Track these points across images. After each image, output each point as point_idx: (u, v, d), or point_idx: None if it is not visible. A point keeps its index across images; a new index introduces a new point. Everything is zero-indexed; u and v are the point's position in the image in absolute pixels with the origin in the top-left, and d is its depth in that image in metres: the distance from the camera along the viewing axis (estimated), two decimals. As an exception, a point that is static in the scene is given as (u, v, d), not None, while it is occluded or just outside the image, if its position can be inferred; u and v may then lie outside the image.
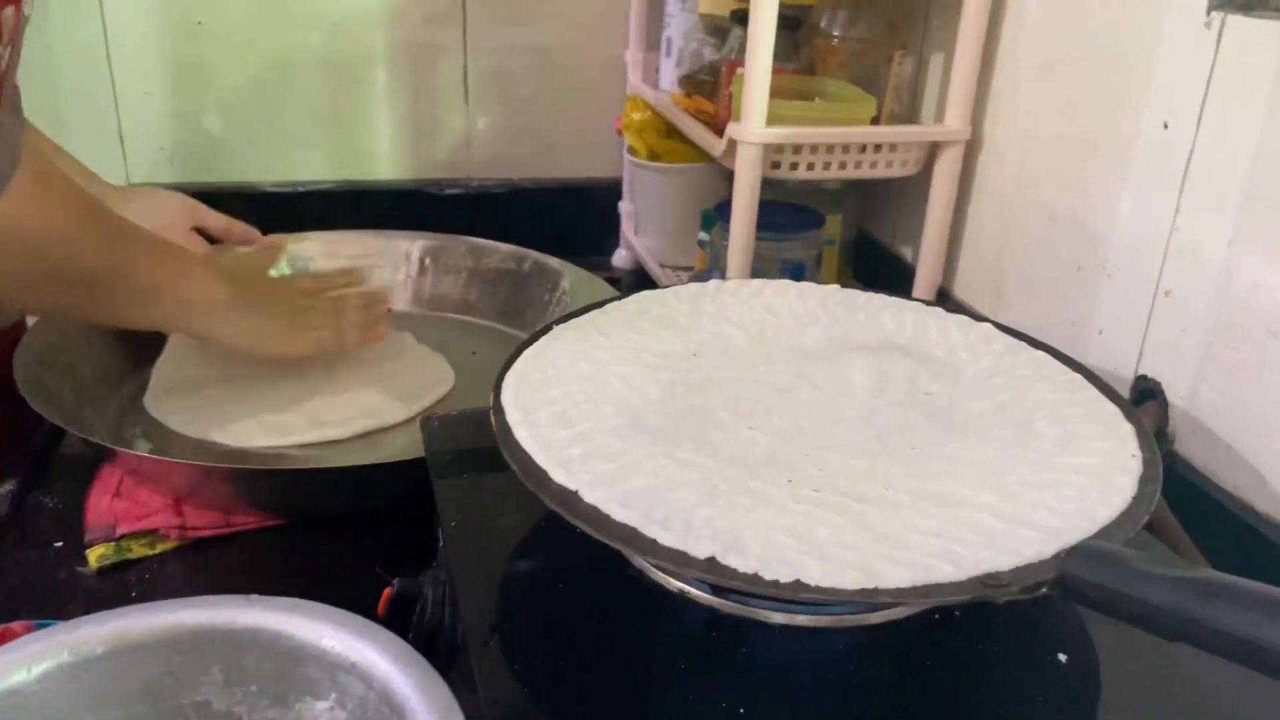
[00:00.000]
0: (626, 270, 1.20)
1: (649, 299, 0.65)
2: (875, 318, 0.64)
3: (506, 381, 0.54)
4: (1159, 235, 0.64)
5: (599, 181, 1.21)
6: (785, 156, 0.81)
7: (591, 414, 0.52)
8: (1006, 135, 0.80)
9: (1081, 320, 0.72)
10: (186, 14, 1.04)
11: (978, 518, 0.44)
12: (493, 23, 1.12)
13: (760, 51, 0.76)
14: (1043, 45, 0.75)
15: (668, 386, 0.55)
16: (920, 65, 0.92)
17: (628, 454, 0.48)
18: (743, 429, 0.51)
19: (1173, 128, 0.63)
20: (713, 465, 0.48)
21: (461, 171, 1.17)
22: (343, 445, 0.75)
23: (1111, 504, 0.45)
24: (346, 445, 0.76)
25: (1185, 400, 0.63)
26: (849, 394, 0.55)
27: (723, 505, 0.45)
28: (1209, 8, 0.59)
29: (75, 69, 1.02)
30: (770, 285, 0.67)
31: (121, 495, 0.69)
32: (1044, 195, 0.76)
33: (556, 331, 0.60)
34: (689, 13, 1.04)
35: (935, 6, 0.90)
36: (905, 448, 0.50)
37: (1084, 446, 0.50)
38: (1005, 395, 0.55)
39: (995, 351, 0.60)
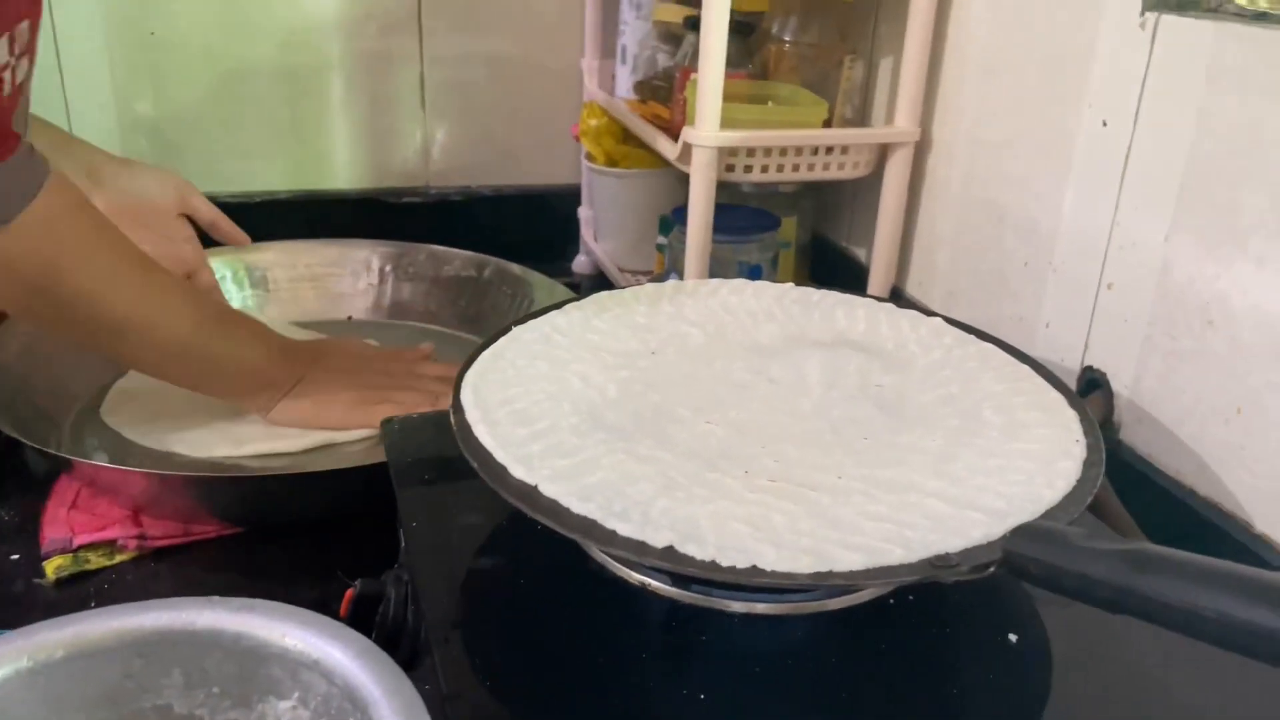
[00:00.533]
0: (587, 275, 1.21)
1: (607, 299, 0.66)
2: (829, 315, 0.65)
3: (466, 381, 0.55)
4: (1101, 230, 0.66)
5: (557, 188, 1.22)
6: (739, 159, 0.82)
7: (551, 412, 0.52)
8: (954, 136, 0.82)
9: (1030, 314, 0.74)
10: (139, 25, 1.04)
11: (927, 502, 0.45)
12: (449, 32, 1.12)
13: (712, 57, 0.77)
14: (987, 48, 0.77)
15: (626, 384, 0.56)
16: (870, 69, 0.94)
17: (586, 450, 0.49)
18: (700, 423, 0.52)
19: (1111, 126, 0.65)
20: (671, 459, 0.49)
21: (420, 180, 1.18)
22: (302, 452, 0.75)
23: (1056, 487, 0.47)
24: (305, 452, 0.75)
25: (1129, 389, 0.65)
26: (804, 388, 0.56)
27: (680, 496, 0.45)
28: (1143, 8, 0.62)
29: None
30: (727, 285, 0.68)
31: (79, 506, 0.69)
32: (992, 194, 0.78)
33: (515, 333, 0.61)
34: (643, 20, 1.05)
35: (883, 12, 0.92)
36: (858, 438, 0.51)
37: (1029, 433, 0.51)
38: (954, 386, 0.57)
39: (945, 345, 0.61)
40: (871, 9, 0.93)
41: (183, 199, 0.86)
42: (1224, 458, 0.58)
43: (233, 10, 1.06)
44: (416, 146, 1.16)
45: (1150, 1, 0.61)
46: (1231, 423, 0.58)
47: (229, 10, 1.05)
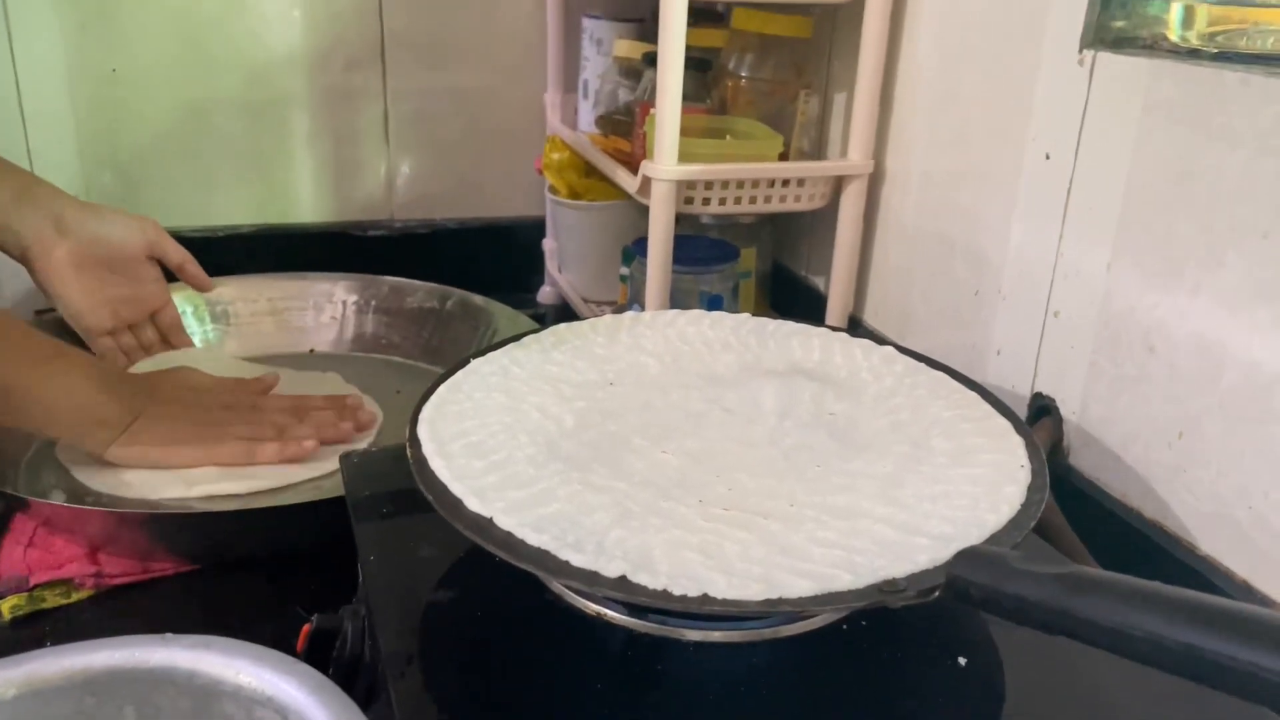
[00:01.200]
0: (551, 306, 1.22)
1: (565, 331, 0.67)
2: (784, 344, 0.66)
3: (423, 415, 0.55)
4: (1046, 260, 0.68)
5: (521, 220, 1.23)
6: (698, 192, 0.84)
7: (507, 444, 0.53)
8: (906, 169, 0.84)
9: (981, 342, 0.76)
10: (100, 62, 1.04)
11: (875, 529, 0.46)
12: (413, 67, 1.13)
13: (670, 92, 0.79)
14: (935, 83, 0.80)
15: (583, 414, 0.57)
16: (825, 104, 0.96)
17: (542, 481, 0.49)
18: (656, 453, 0.53)
19: (1054, 159, 0.67)
20: (626, 488, 0.49)
21: (384, 213, 1.18)
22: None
23: (1000, 512, 0.48)
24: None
25: (1077, 414, 0.67)
26: (759, 417, 0.57)
27: (634, 526, 0.46)
28: (1081, 45, 0.64)
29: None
30: (684, 315, 0.69)
31: (35, 545, 0.68)
32: (943, 225, 0.80)
33: (473, 365, 0.61)
34: (604, 56, 1.07)
35: (836, 49, 0.94)
36: (810, 465, 0.52)
37: (976, 459, 0.53)
38: (904, 413, 0.58)
39: (896, 372, 0.62)
40: (825, 46, 0.95)
41: (150, 243, 0.86)
42: (1167, 481, 0.60)
43: (195, 47, 1.06)
44: (380, 180, 1.17)
45: (1087, 39, 0.64)
46: (1173, 446, 0.59)
47: (191, 47, 1.06)
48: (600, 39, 1.07)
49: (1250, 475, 0.55)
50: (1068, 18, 0.64)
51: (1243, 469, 0.55)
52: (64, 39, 1.02)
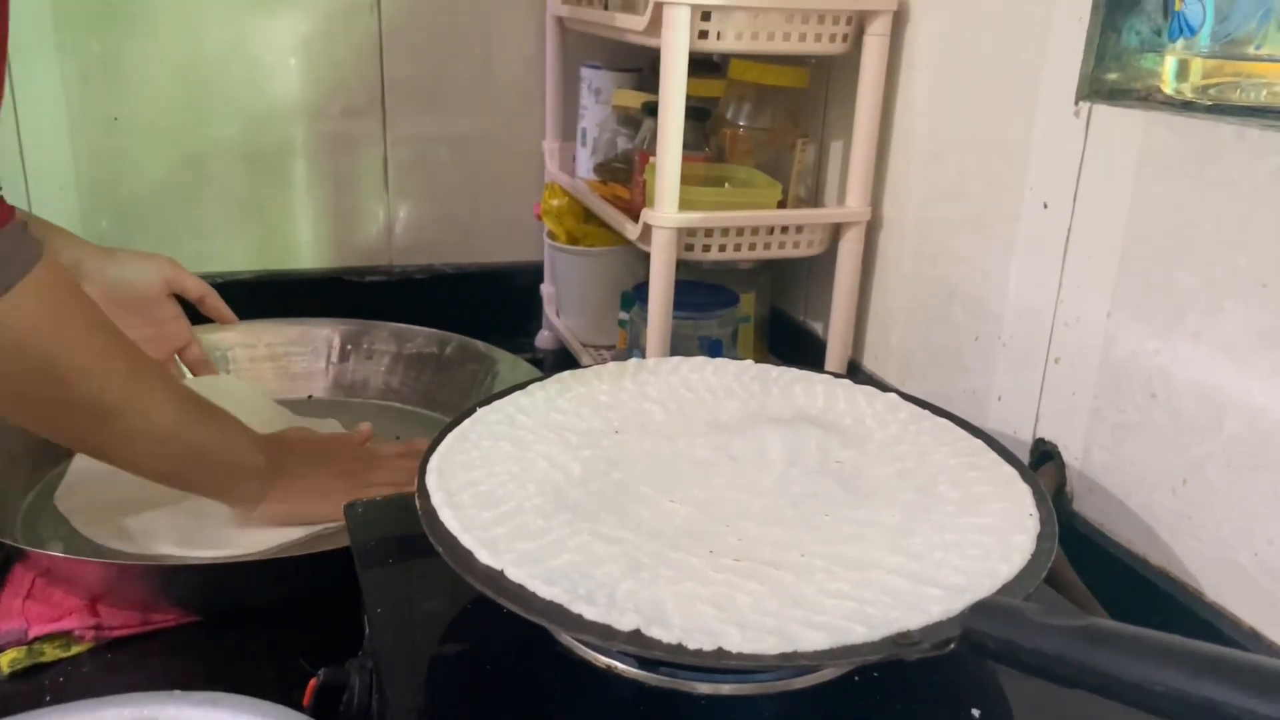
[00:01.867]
0: (550, 350, 1.22)
1: (570, 379, 0.67)
2: (788, 391, 0.67)
3: (430, 465, 0.55)
4: (1046, 307, 0.69)
5: (520, 265, 1.24)
6: (698, 239, 0.84)
7: (516, 494, 0.53)
8: (903, 216, 0.85)
9: (982, 388, 0.76)
10: (102, 110, 1.05)
11: (887, 579, 0.46)
12: (412, 114, 1.14)
13: (670, 141, 0.80)
14: (931, 133, 0.81)
15: (590, 463, 0.57)
16: (822, 152, 0.98)
17: (552, 532, 0.49)
18: (664, 502, 0.53)
19: (1052, 208, 0.68)
20: (635, 539, 0.49)
21: (383, 259, 1.19)
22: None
23: (1011, 561, 0.48)
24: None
25: (1080, 461, 0.67)
26: (765, 465, 0.58)
27: (645, 578, 0.46)
28: (1076, 98, 0.65)
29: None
30: (687, 362, 0.70)
31: (34, 597, 0.67)
32: (941, 271, 0.80)
33: (479, 414, 0.61)
34: (603, 105, 1.08)
35: (832, 98, 0.96)
36: (818, 514, 0.52)
37: (984, 507, 0.53)
38: (910, 461, 0.58)
39: (901, 420, 0.63)
40: (821, 95, 0.97)
41: (169, 280, 0.86)
42: (1173, 527, 0.60)
43: (196, 96, 1.07)
44: (380, 226, 1.17)
45: (1083, 91, 0.65)
46: (1178, 493, 0.59)
47: (192, 96, 1.07)
48: (599, 88, 1.08)
49: (1255, 521, 0.55)
50: (1063, 70, 0.66)
51: (1247, 515, 0.55)
52: (66, 89, 1.03)
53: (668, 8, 0.76)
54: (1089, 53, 0.64)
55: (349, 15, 1.09)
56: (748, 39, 0.79)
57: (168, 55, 1.05)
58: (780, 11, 0.79)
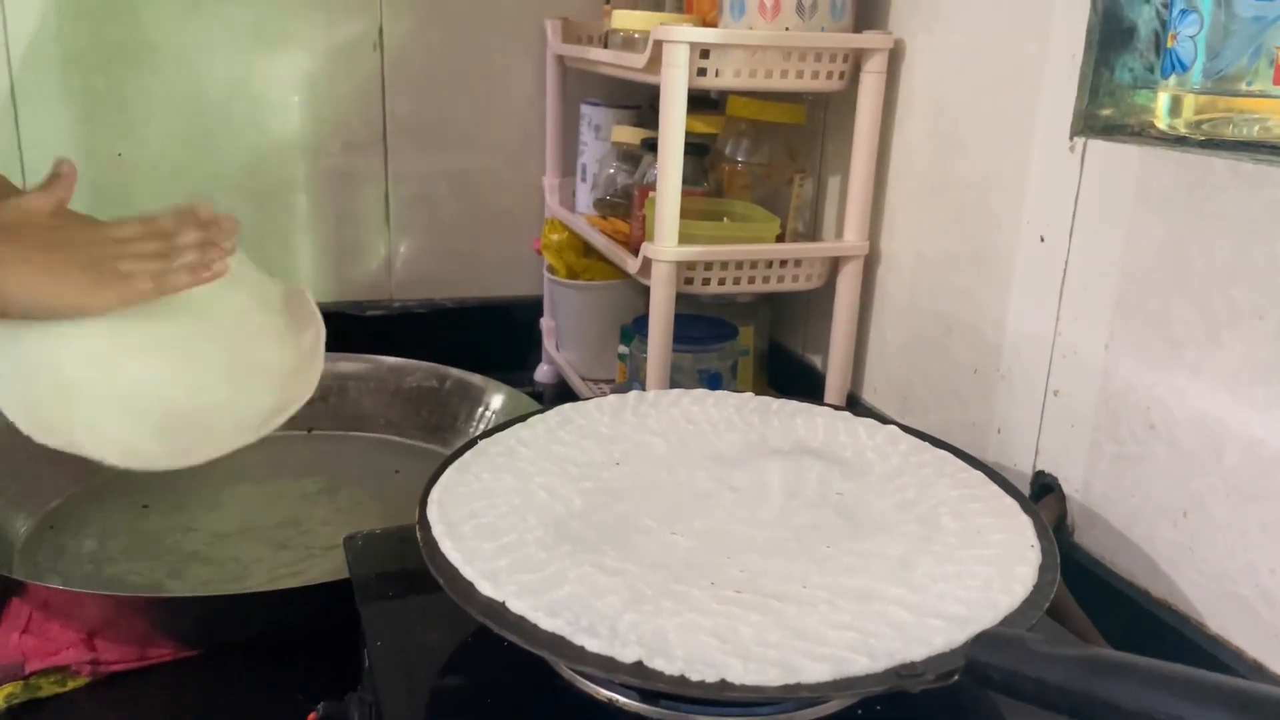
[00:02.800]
0: (549, 384, 1.23)
1: (570, 411, 0.67)
2: (788, 423, 0.67)
3: (431, 497, 0.55)
4: (1044, 340, 0.69)
5: (519, 299, 1.25)
6: (697, 273, 0.85)
7: (517, 525, 0.53)
8: (901, 250, 0.86)
9: (981, 421, 0.76)
10: (107, 146, 1.06)
11: (889, 610, 0.46)
12: (414, 150, 1.16)
13: (670, 176, 0.80)
14: (927, 169, 0.82)
15: (591, 495, 0.57)
16: (819, 186, 0.99)
17: (553, 563, 0.49)
18: (665, 534, 0.53)
19: (1049, 241, 0.68)
20: (637, 570, 0.49)
21: (383, 293, 1.19)
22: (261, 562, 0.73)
23: (1013, 592, 0.48)
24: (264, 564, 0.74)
25: (1080, 493, 0.67)
26: (766, 496, 0.58)
27: (648, 609, 0.46)
28: (1071, 133, 0.66)
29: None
30: (688, 394, 0.70)
31: (31, 631, 0.67)
32: (939, 305, 0.81)
33: (480, 446, 0.62)
34: (602, 141, 1.09)
35: (830, 133, 0.97)
36: (820, 546, 0.52)
37: (985, 539, 0.53)
38: (911, 493, 0.58)
39: (901, 452, 0.63)
40: (819, 130, 0.98)
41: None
42: (1174, 559, 0.60)
43: (199, 131, 1.08)
44: (380, 260, 1.18)
45: (1077, 127, 0.66)
46: (1179, 525, 0.59)
47: (195, 132, 1.08)
48: (598, 125, 1.09)
49: (1256, 552, 0.55)
50: (1058, 106, 0.67)
51: (1249, 546, 0.55)
52: (71, 124, 1.04)
53: (667, 45, 0.77)
54: (1083, 89, 0.65)
55: (352, 52, 1.10)
56: (746, 76, 0.81)
57: (172, 91, 1.06)
58: (778, 49, 0.80)
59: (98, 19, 1.02)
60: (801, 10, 0.81)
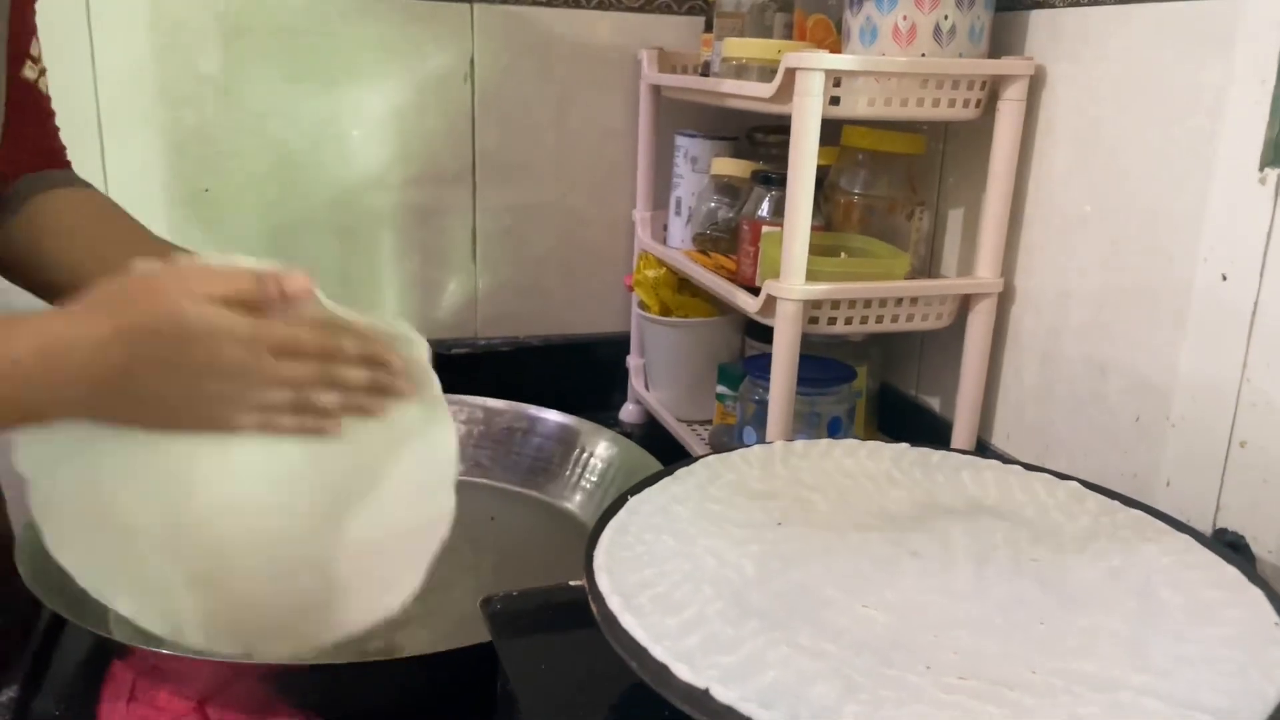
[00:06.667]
0: (636, 424, 1.18)
1: (717, 464, 0.62)
2: (953, 477, 0.62)
3: (597, 562, 0.50)
4: (1228, 386, 0.64)
5: (603, 336, 1.21)
6: (823, 311, 0.80)
7: (693, 596, 0.48)
8: (1041, 287, 0.81)
9: (1145, 472, 0.71)
10: (193, 181, 1.03)
11: (1141, 701, 0.41)
12: (501, 184, 1.12)
13: (800, 211, 0.76)
14: (1075, 200, 0.77)
15: (761, 560, 0.52)
16: (936, 220, 0.94)
17: (746, 642, 0.44)
18: (856, 607, 0.48)
19: (1232, 280, 0.63)
20: (838, 652, 0.44)
21: (468, 331, 1.15)
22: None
23: (1275, 679, 0.42)
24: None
25: (1274, 554, 0.61)
26: (953, 563, 0.52)
27: (865, 699, 0.41)
28: (1261, 164, 0.61)
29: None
30: (839, 445, 0.65)
31: (137, 699, 0.63)
32: (1090, 346, 0.76)
33: (632, 504, 0.57)
34: (699, 174, 1.05)
35: (949, 164, 0.92)
36: (1033, 623, 0.47)
37: (1218, 614, 0.47)
38: (1115, 560, 0.53)
39: (1090, 511, 0.58)
40: (936, 161, 0.93)
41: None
42: (1403, 632, 0.54)
43: (287, 169, 1.05)
44: (466, 297, 1.14)
45: (1268, 157, 0.61)
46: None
47: (283, 169, 1.05)
48: (695, 156, 1.06)
49: None
50: (1244, 135, 0.62)
51: None
52: (160, 158, 1.01)
53: (801, 73, 0.73)
54: (1275, 117, 0.60)
55: (442, 86, 1.07)
56: (880, 105, 0.76)
57: (262, 129, 1.03)
58: (914, 77, 0.76)
59: (186, 53, 1.00)
60: (939, 36, 0.76)
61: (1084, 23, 0.75)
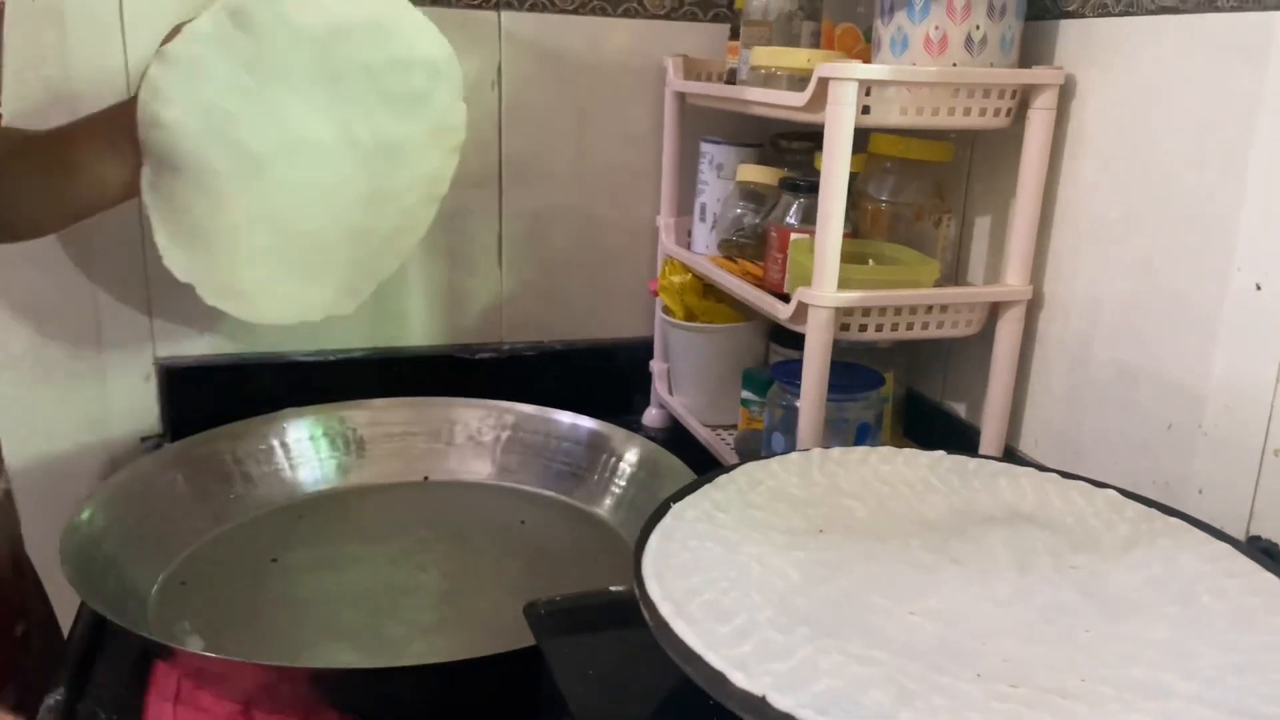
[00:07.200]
0: (659, 429, 1.18)
1: (756, 471, 0.63)
2: (991, 485, 0.62)
3: (647, 570, 0.51)
4: (1262, 394, 0.64)
5: (624, 341, 1.21)
6: (854, 319, 0.81)
7: (743, 603, 0.49)
8: (1070, 294, 0.81)
9: (1177, 480, 0.71)
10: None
11: (1191, 710, 0.42)
12: (526, 189, 1.13)
13: (832, 219, 0.77)
14: (1104, 207, 0.77)
15: (806, 568, 0.53)
16: (962, 227, 0.94)
17: (798, 649, 0.45)
18: (903, 614, 0.49)
19: (1266, 290, 0.64)
20: (889, 659, 0.45)
21: (493, 335, 1.16)
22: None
23: (1323, 688, 0.43)
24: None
25: (1309, 562, 0.62)
26: (995, 571, 0.53)
27: (920, 706, 0.41)
28: (1296, 176, 0.61)
29: (108, 224, 1.00)
30: (875, 453, 0.66)
31: (183, 700, 0.64)
32: (1120, 353, 0.76)
33: (675, 510, 0.58)
34: (724, 180, 1.06)
35: (976, 172, 0.93)
36: (1078, 630, 0.48)
37: (1261, 622, 0.48)
38: (1156, 567, 0.53)
39: (1128, 519, 0.58)
40: (963, 168, 0.94)
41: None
42: None
43: (316, 171, 1.06)
44: (492, 302, 1.15)
45: (1304, 168, 0.61)
46: None
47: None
48: (720, 163, 1.06)
49: None
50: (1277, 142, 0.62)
51: None
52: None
53: (834, 83, 0.74)
54: (1311, 128, 0.61)
55: (470, 93, 1.07)
56: (912, 114, 0.77)
57: (291, 132, 1.04)
58: (946, 87, 0.77)
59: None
60: (970, 45, 0.77)
61: (1116, 32, 0.76)
